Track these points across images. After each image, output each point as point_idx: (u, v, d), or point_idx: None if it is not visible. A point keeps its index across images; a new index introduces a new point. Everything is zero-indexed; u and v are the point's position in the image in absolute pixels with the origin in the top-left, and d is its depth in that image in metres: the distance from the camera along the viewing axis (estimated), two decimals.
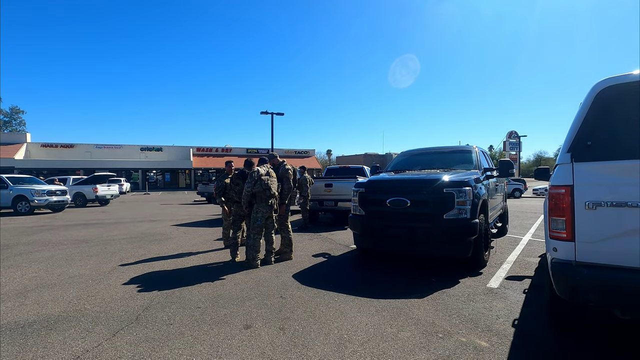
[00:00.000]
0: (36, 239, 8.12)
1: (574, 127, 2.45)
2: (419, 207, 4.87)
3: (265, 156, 5.92)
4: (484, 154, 6.98)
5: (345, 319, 3.34)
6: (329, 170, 13.09)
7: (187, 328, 3.17)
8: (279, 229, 6.01)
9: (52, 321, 3.34)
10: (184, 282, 4.56)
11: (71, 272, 5.13)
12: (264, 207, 5.38)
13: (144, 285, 4.43)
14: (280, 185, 5.79)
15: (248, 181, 5.38)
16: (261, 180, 5.34)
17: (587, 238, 2.27)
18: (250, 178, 5.37)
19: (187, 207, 17.86)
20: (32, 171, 30.65)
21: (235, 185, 6.06)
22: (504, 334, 3.00)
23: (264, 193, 5.36)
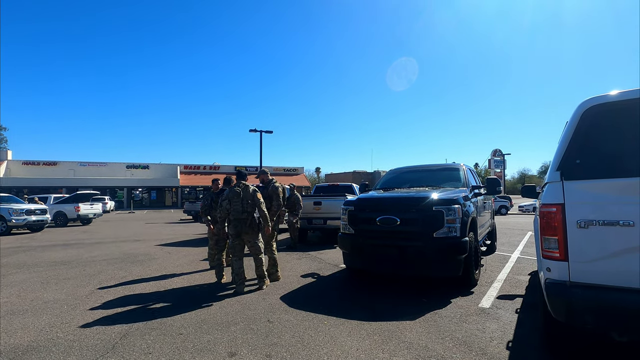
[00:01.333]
0: (11, 261, 7.73)
1: (562, 145, 2.46)
2: (408, 225, 4.82)
3: (243, 170, 5.52)
4: (471, 171, 7.04)
5: (335, 344, 3.20)
6: (317, 188, 13.02)
7: (168, 357, 2.98)
8: (265, 249, 5.82)
9: (20, 352, 3.10)
10: (166, 306, 4.35)
11: (45, 296, 4.85)
12: (231, 229, 5.14)
13: (123, 310, 4.20)
14: (268, 203, 5.71)
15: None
16: (221, 205, 5.13)
17: (581, 257, 2.23)
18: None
19: (173, 225, 17.44)
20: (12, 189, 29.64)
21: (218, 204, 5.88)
22: (499, 357, 2.91)
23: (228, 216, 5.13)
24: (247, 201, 4.99)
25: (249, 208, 5.00)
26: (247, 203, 4.99)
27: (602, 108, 2.38)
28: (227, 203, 5.02)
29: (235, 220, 4.98)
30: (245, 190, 5.06)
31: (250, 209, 5.01)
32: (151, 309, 4.26)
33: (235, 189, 5.07)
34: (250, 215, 5.01)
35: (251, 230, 5.02)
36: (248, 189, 5.08)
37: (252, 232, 5.05)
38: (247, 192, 5.02)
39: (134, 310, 4.19)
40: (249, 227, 4.99)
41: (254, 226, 5.05)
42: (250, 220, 5.01)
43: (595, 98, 2.45)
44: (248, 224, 4.99)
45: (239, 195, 5.00)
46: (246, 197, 5.00)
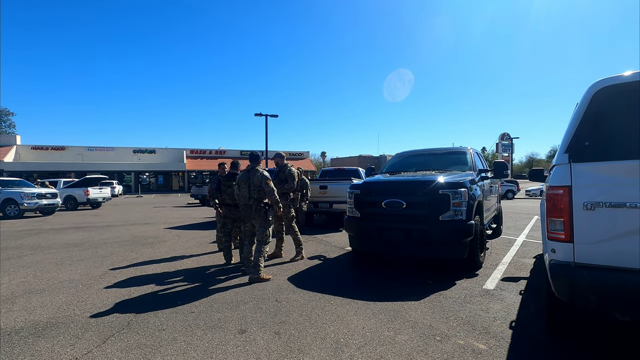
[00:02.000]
0: (25, 243, 7.95)
1: (571, 127, 2.44)
2: (414, 208, 4.85)
3: (257, 152, 5.31)
4: (478, 155, 6.99)
5: (342, 323, 3.29)
6: (323, 172, 13.05)
7: (180, 333, 3.09)
8: (287, 231, 6.10)
9: (41, 328, 3.24)
10: (177, 286, 4.48)
11: (61, 277, 5.02)
12: (241, 214, 5.32)
13: (136, 290, 4.34)
14: (282, 186, 5.93)
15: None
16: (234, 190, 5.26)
17: (586, 239, 2.25)
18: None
19: (180, 209, 17.68)
20: (21, 174, 30.12)
21: (226, 187, 5.92)
22: (502, 336, 2.98)
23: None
24: (254, 187, 4.81)
25: (256, 194, 4.82)
26: (254, 189, 4.81)
27: (614, 89, 2.34)
28: (237, 188, 5.00)
29: (243, 205, 4.95)
30: (253, 175, 4.85)
31: (257, 195, 4.82)
32: (163, 288, 4.39)
33: (244, 173, 4.98)
34: (257, 202, 4.84)
35: (257, 215, 4.86)
36: (256, 173, 4.85)
37: (259, 218, 4.87)
38: (255, 178, 4.82)
39: (147, 290, 4.32)
40: (255, 213, 4.85)
41: (260, 212, 4.86)
42: (256, 206, 4.84)
43: (607, 79, 2.41)
44: (254, 209, 4.85)
45: (247, 181, 4.87)
46: (254, 182, 4.82)
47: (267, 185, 4.81)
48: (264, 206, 4.88)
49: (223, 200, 5.88)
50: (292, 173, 6.08)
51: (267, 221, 4.93)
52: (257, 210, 4.86)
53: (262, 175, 4.83)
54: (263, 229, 4.88)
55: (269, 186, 4.81)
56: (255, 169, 4.91)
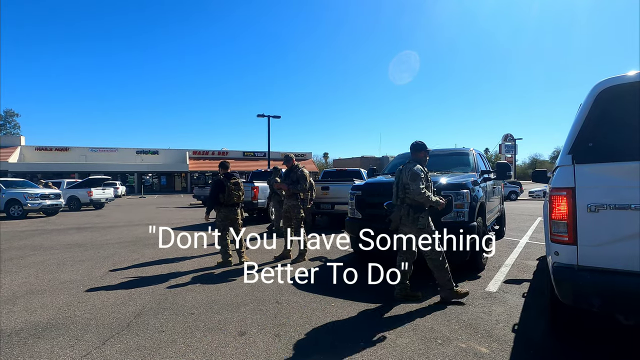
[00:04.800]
0: (28, 243, 7.98)
1: (574, 128, 2.40)
2: None
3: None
4: (481, 156, 6.95)
5: (343, 325, 3.26)
6: (325, 173, 13.04)
7: (180, 335, 3.08)
8: (295, 232, 6.06)
9: (40, 329, 3.24)
10: (177, 287, 4.47)
11: (62, 277, 5.02)
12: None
13: (137, 291, 4.33)
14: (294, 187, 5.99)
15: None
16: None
17: (590, 241, 2.22)
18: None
19: (183, 210, 17.71)
20: (26, 174, 30.31)
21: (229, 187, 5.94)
22: (504, 339, 2.94)
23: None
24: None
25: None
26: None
27: (618, 89, 2.31)
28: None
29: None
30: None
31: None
32: (163, 290, 4.38)
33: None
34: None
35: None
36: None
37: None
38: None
39: (147, 291, 4.32)
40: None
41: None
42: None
43: (611, 79, 2.38)
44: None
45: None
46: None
47: (412, 183, 3.84)
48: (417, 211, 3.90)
49: (227, 200, 5.84)
50: (303, 174, 6.06)
51: (420, 230, 3.88)
52: (406, 215, 3.94)
53: (410, 169, 3.94)
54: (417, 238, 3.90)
55: (415, 184, 3.84)
56: (413, 162, 4.04)
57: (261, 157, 46.98)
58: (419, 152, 4.08)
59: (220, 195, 5.78)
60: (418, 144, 4.14)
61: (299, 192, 6.03)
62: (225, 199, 5.77)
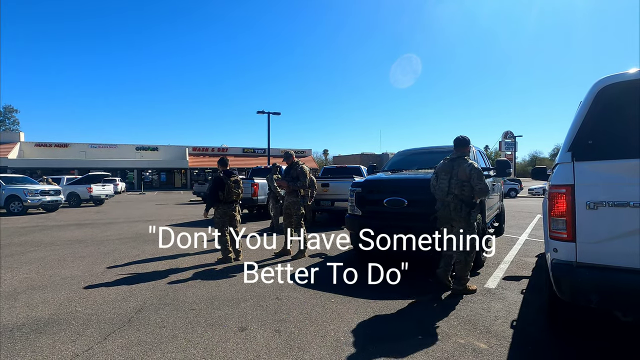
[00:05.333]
0: (28, 239, 8.00)
1: (574, 125, 2.41)
2: (416, 207, 4.83)
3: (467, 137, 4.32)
4: (480, 153, 6.95)
5: (342, 321, 3.28)
6: (325, 170, 13.04)
7: (181, 330, 3.10)
8: (295, 228, 6.08)
9: (42, 324, 3.25)
10: (178, 283, 4.49)
11: (63, 273, 5.04)
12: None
13: (137, 287, 4.35)
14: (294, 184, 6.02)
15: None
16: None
17: (589, 238, 2.23)
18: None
19: (183, 207, 17.73)
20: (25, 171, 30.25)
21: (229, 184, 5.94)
22: (503, 335, 2.97)
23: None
24: (456, 180, 3.98)
25: (457, 190, 3.96)
26: (455, 184, 3.97)
27: (619, 87, 2.31)
28: (435, 179, 4.31)
29: (440, 201, 4.21)
30: (458, 165, 4.00)
31: (459, 192, 3.96)
32: (164, 286, 4.40)
33: (448, 163, 4.18)
34: (457, 198, 3.97)
35: (458, 216, 3.97)
36: (463, 164, 3.98)
37: (461, 220, 3.99)
38: (461, 169, 3.94)
39: (148, 287, 4.33)
40: (455, 213, 3.99)
41: (461, 212, 3.96)
42: (455, 204, 3.96)
43: (612, 77, 2.38)
44: (452, 208, 4.02)
45: (449, 172, 4.08)
46: (457, 174, 3.99)
47: (479, 182, 3.81)
48: (469, 206, 3.90)
49: (226, 198, 5.84)
50: (304, 171, 6.06)
51: (472, 225, 3.94)
52: (457, 210, 3.91)
53: (472, 168, 3.87)
54: (466, 233, 3.90)
55: (482, 183, 3.81)
56: (463, 158, 4.01)
57: (261, 154, 46.95)
58: (465, 147, 4.10)
59: (220, 192, 5.78)
60: (465, 139, 4.13)
61: (299, 188, 6.04)
62: (225, 196, 5.77)
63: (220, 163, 6.03)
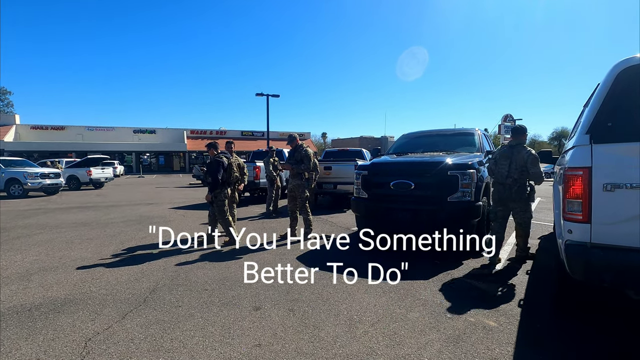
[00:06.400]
0: (33, 222, 8.02)
1: (593, 107, 2.41)
2: (422, 189, 4.86)
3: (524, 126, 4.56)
4: (486, 136, 6.95)
5: (354, 301, 3.36)
6: (327, 152, 13.01)
7: (197, 310, 3.17)
8: (300, 211, 6.15)
9: (59, 304, 3.31)
10: (187, 265, 4.54)
11: (72, 255, 5.09)
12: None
13: (148, 268, 4.41)
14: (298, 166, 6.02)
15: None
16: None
17: (604, 220, 2.27)
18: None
19: (183, 190, 17.74)
20: (22, 154, 30.02)
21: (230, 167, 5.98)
22: (511, 314, 3.05)
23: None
24: (516, 165, 4.34)
25: (516, 174, 4.33)
26: (515, 168, 4.34)
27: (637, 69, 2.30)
28: (494, 163, 4.60)
29: (499, 184, 4.52)
30: (518, 152, 4.36)
31: (518, 176, 4.33)
32: (174, 267, 4.46)
33: (507, 149, 4.48)
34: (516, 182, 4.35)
35: (518, 197, 4.39)
36: (522, 151, 4.33)
37: (520, 201, 4.44)
38: (520, 156, 4.33)
39: (158, 268, 4.39)
40: (516, 194, 4.37)
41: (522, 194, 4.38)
42: (517, 187, 4.36)
43: (631, 59, 2.36)
44: (514, 190, 4.36)
45: (509, 157, 4.41)
46: (517, 160, 4.34)
47: (534, 167, 4.22)
48: (527, 188, 4.35)
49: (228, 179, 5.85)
50: (308, 154, 6.06)
51: (529, 205, 4.49)
52: (519, 193, 4.33)
53: (529, 154, 4.26)
54: (524, 211, 4.46)
55: (536, 168, 4.22)
56: (521, 145, 4.40)
57: (259, 137, 46.65)
58: (523, 135, 4.51)
59: (223, 173, 5.76)
60: (522, 127, 4.55)
61: (304, 171, 6.04)
62: (227, 177, 5.80)
63: (212, 147, 5.92)
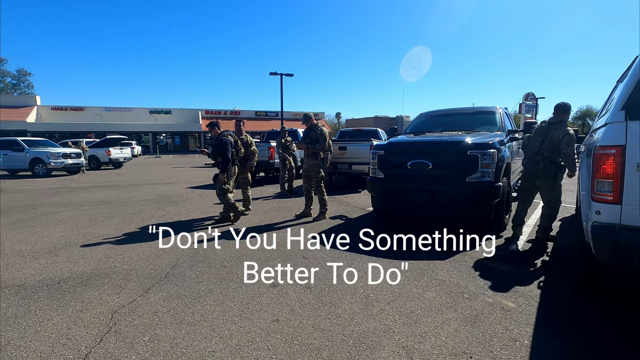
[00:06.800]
0: (57, 200, 8.31)
1: (630, 82, 2.26)
2: (441, 169, 4.77)
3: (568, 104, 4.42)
4: (507, 115, 6.71)
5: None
6: (342, 132, 12.89)
7: (216, 286, 3.25)
8: (315, 191, 6.14)
9: (86, 278, 3.45)
10: (206, 243, 4.64)
11: (96, 231, 5.26)
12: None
13: (168, 245, 4.51)
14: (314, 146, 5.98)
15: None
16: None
17: (635, 201, 2.17)
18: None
19: (199, 169, 17.99)
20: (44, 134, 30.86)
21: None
22: (530, 295, 3.01)
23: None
24: (547, 144, 4.27)
25: (547, 152, 4.27)
26: (546, 146, 4.28)
27: None
28: (527, 140, 4.62)
29: (529, 160, 4.52)
30: (555, 130, 4.25)
31: (548, 153, 4.28)
32: (193, 243, 4.56)
33: (545, 126, 4.39)
34: (545, 160, 4.31)
35: (545, 175, 4.35)
36: (559, 129, 4.20)
37: (547, 178, 4.37)
38: (555, 134, 4.22)
39: (178, 244, 4.49)
40: (542, 172, 4.35)
41: (549, 172, 4.34)
42: (544, 164, 4.33)
43: None
44: (541, 167, 4.35)
45: (543, 135, 4.35)
46: (550, 138, 4.26)
47: (567, 147, 4.09)
48: (557, 168, 4.28)
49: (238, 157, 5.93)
50: (323, 133, 5.99)
51: (557, 184, 4.36)
52: (546, 170, 4.30)
53: (566, 134, 4.10)
54: (550, 190, 4.37)
55: (569, 149, 4.09)
56: (560, 124, 4.26)
57: (274, 117, 46.48)
58: (565, 114, 4.35)
59: (233, 151, 5.74)
60: (565, 105, 4.36)
61: (319, 151, 5.99)
62: (238, 155, 5.84)
63: (215, 126, 5.88)
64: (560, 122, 4.27)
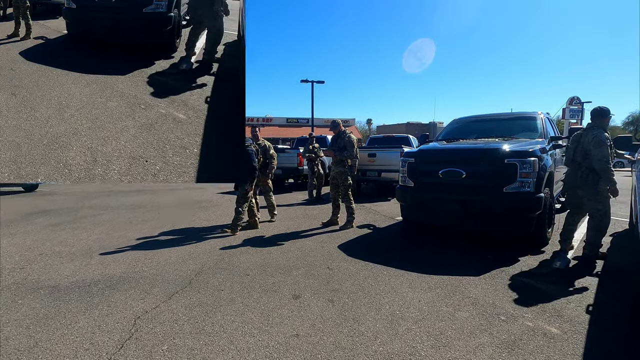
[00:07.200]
0: (97, 203, 8.77)
1: None
2: (475, 178, 4.49)
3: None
4: (550, 121, 6.27)
5: (396, 294, 3.20)
6: (372, 139, 12.67)
7: (238, 295, 3.21)
8: (343, 199, 6.01)
9: (115, 281, 3.54)
10: (231, 249, 4.65)
11: (129, 235, 5.45)
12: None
13: (195, 251, 4.58)
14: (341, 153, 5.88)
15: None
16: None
17: None
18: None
19: None
20: None
21: None
22: (577, 320, 2.70)
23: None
24: (581, 149, 3.99)
25: (580, 158, 3.97)
26: (580, 152, 3.99)
27: None
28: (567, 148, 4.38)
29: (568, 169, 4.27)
30: (586, 135, 3.93)
31: (582, 159, 3.96)
32: (218, 251, 4.59)
33: (580, 132, 4.10)
34: (582, 168, 3.98)
35: (584, 184, 3.95)
36: (589, 133, 3.88)
37: (587, 189, 3.95)
38: (586, 139, 3.90)
39: (204, 251, 4.54)
40: (581, 181, 3.97)
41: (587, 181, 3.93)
42: (582, 173, 3.96)
43: None
44: (579, 176, 3.98)
45: (577, 141, 4.07)
46: (582, 144, 3.99)
47: (595, 149, 3.74)
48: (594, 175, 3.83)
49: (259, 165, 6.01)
50: (351, 140, 5.87)
51: (599, 193, 3.83)
52: (584, 178, 3.88)
53: (595, 135, 3.78)
54: (591, 201, 3.88)
55: (597, 150, 3.73)
56: (595, 128, 3.90)
57: (305, 124, 46.85)
58: (603, 118, 4.00)
59: (255, 159, 5.74)
60: (603, 110, 4.01)
61: (347, 158, 5.88)
62: (260, 164, 5.95)
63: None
64: (598, 126, 3.92)
